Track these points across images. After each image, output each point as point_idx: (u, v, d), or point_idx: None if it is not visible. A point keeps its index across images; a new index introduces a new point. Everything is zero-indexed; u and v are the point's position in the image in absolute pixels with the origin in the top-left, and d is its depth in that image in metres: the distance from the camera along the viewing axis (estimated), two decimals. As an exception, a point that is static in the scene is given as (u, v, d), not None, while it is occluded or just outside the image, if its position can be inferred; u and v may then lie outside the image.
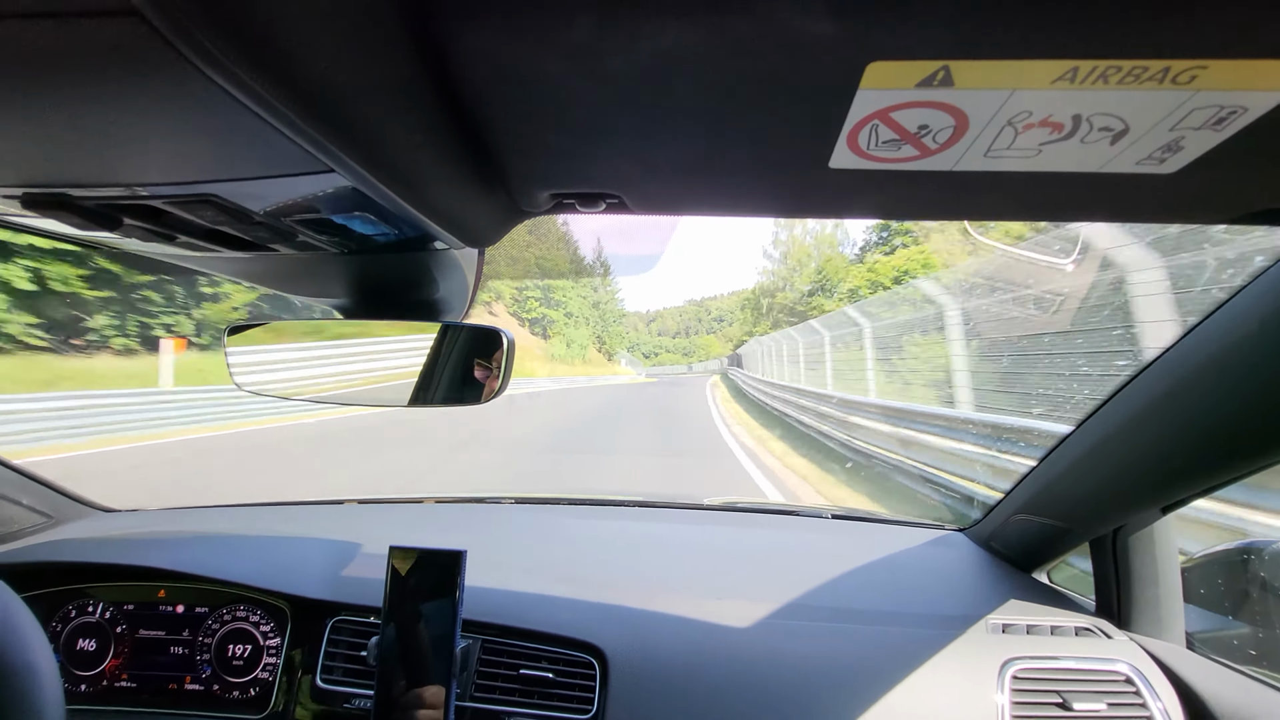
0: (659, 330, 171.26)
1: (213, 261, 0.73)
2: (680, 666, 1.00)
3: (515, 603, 1.11)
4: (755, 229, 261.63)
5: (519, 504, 1.74)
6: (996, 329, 5.59)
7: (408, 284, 0.81)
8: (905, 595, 1.19)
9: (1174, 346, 0.82)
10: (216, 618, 1.14)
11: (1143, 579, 1.07)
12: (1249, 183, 0.48)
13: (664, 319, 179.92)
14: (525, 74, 0.40)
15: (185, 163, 0.45)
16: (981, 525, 1.41)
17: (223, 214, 0.53)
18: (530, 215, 0.65)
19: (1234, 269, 2.91)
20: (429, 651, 0.93)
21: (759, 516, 1.70)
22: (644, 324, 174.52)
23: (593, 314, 69.22)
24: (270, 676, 1.09)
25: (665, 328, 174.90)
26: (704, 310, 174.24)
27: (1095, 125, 0.40)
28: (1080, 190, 0.49)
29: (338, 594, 1.13)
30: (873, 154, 0.44)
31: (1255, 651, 0.99)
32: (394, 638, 0.94)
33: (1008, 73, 0.36)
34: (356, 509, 1.67)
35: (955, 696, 0.97)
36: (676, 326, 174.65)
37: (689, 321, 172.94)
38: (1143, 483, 0.96)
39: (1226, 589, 1.07)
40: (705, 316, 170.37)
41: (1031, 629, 1.08)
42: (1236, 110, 0.38)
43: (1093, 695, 0.98)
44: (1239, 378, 0.74)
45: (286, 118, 0.36)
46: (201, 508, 1.62)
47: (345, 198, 0.52)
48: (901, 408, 6.29)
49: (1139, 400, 0.89)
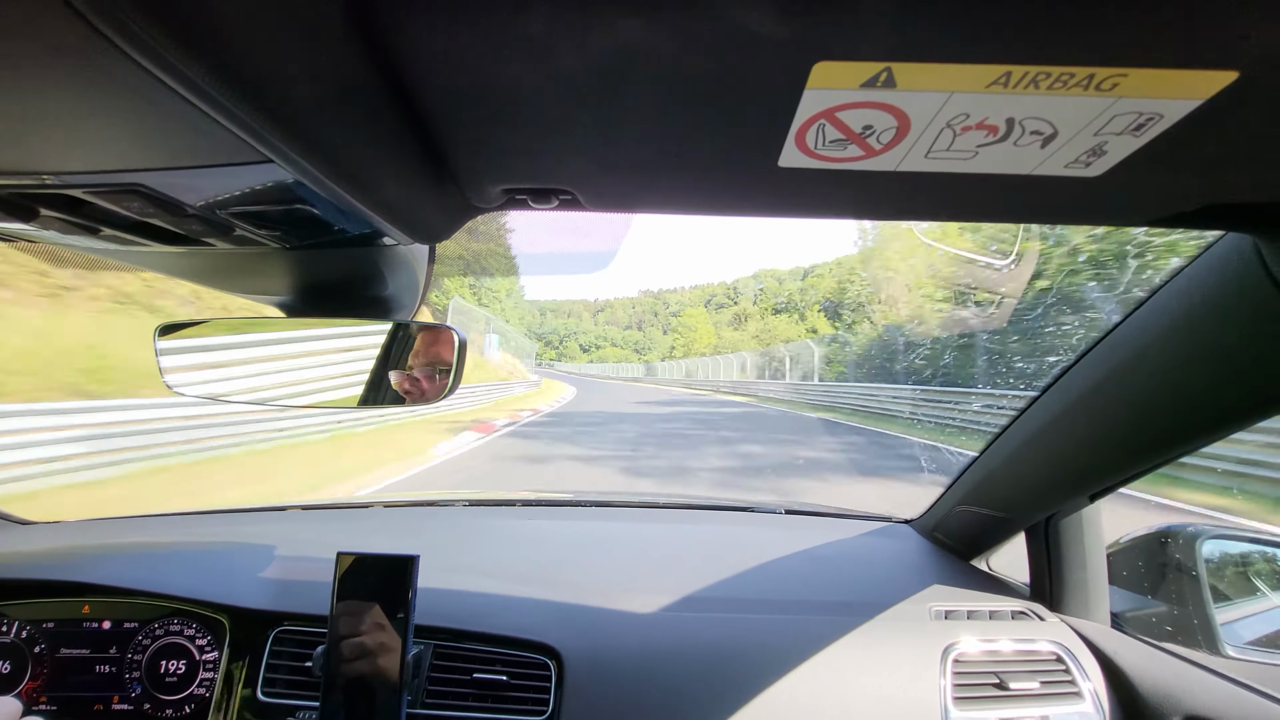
0: (607, 320, 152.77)
1: (142, 256, 0.69)
2: (636, 664, 1.01)
3: (468, 606, 1.09)
4: (717, 221, 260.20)
5: (472, 506, 1.71)
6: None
7: (355, 281, 0.78)
8: (855, 586, 1.23)
9: (1098, 344, 0.88)
10: (148, 633, 1.07)
11: (1072, 563, 1.13)
12: (1166, 187, 0.52)
13: (614, 309, 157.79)
14: (475, 68, 0.39)
15: (108, 150, 0.42)
16: (926, 517, 1.47)
17: (151, 205, 0.50)
18: (482, 211, 0.64)
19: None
20: (378, 659, 0.90)
21: (714, 513, 1.72)
22: (590, 313, 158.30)
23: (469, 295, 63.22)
24: (207, 692, 1.04)
25: (614, 318, 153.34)
26: (660, 303, 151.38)
27: (1027, 129, 0.42)
28: (1014, 192, 0.52)
29: (280, 603, 1.08)
30: (820, 153, 0.46)
31: (1171, 628, 1.07)
32: (341, 646, 0.91)
33: (946, 75, 0.37)
34: (300, 515, 1.60)
35: (901, 681, 1.00)
36: (628, 319, 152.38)
37: (643, 314, 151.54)
38: (1073, 473, 1.02)
39: (1146, 571, 1.14)
40: (662, 310, 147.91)
41: (972, 614, 1.13)
42: (1153, 117, 0.40)
43: (1027, 675, 1.03)
44: (1156, 373, 0.79)
45: (220, 105, 0.34)
46: (129, 518, 1.53)
47: (286, 191, 0.49)
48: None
49: (1068, 396, 0.94)
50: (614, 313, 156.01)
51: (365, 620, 0.92)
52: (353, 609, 0.93)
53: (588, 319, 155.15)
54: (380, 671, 0.90)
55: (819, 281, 40.47)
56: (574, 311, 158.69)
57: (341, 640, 0.91)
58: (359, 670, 0.90)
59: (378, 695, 0.90)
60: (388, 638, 0.91)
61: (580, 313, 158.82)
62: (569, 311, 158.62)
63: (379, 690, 0.90)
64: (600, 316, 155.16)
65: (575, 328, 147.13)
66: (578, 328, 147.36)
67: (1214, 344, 0.71)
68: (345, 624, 0.92)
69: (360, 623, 0.92)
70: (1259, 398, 0.72)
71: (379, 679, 0.90)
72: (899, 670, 1.02)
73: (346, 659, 0.91)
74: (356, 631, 0.92)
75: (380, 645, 0.91)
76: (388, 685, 0.90)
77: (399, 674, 0.90)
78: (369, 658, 0.91)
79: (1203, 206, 0.55)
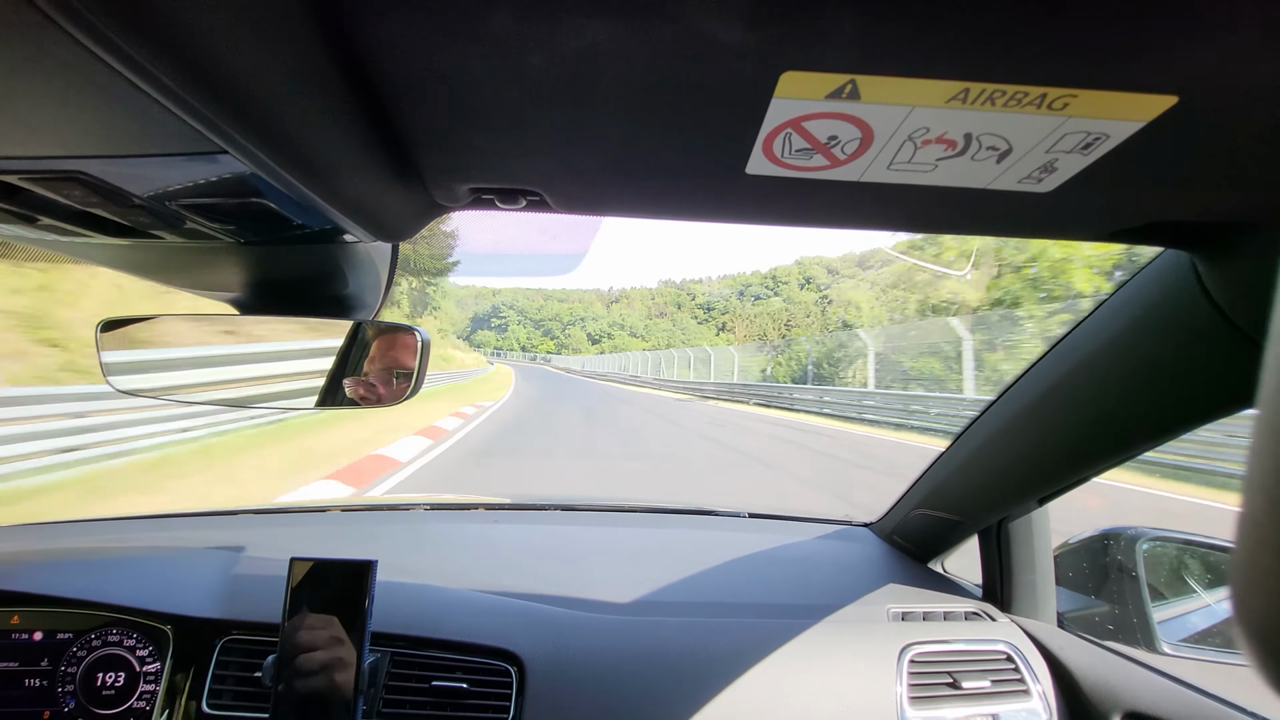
0: (623, 311, 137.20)
1: (84, 248, 0.65)
2: (597, 669, 1.00)
3: (427, 612, 1.07)
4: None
5: (433, 510, 1.68)
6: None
7: (314, 279, 0.75)
8: (815, 589, 1.25)
9: (1048, 354, 0.91)
10: (83, 644, 1.02)
11: (1022, 565, 1.17)
12: (1112, 204, 0.54)
13: (630, 300, 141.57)
14: (439, 64, 0.38)
15: (45, 134, 0.39)
16: (885, 520, 1.50)
17: (94, 195, 0.47)
18: (448, 210, 0.63)
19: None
20: (332, 668, 0.88)
21: (678, 517, 1.73)
22: (604, 304, 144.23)
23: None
24: (148, 705, 0.99)
25: (631, 310, 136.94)
26: (685, 294, 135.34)
27: (984, 144, 0.43)
28: (971, 205, 0.54)
29: (229, 612, 1.04)
30: (786, 161, 0.46)
31: (1113, 626, 1.11)
32: (293, 656, 0.88)
33: (908, 90, 0.38)
34: (252, 520, 1.54)
35: (859, 682, 1.02)
36: (647, 310, 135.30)
37: (664, 306, 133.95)
38: (1023, 477, 1.06)
39: (1090, 571, 1.19)
40: (687, 301, 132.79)
41: (927, 615, 1.16)
42: (1100, 137, 0.42)
43: (979, 674, 1.06)
44: (1100, 383, 0.83)
45: (170, 91, 0.32)
46: (65, 522, 1.45)
47: (242, 184, 0.47)
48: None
49: (1019, 404, 0.98)
50: (630, 304, 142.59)
51: (319, 628, 0.89)
52: (306, 617, 0.89)
53: (599, 307, 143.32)
54: (334, 681, 0.87)
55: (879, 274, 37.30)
56: (584, 299, 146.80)
57: (294, 649, 0.88)
58: (312, 680, 0.87)
59: (331, 705, 0.87)
60: (343, 646, 0.88)
61: (591, 301, 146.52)
62: (579, 299, 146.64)
63: (333, 700, 0.87)
64: (614, 308, 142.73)
65: (583, 313, 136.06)
66: (582, 313, 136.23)
67: (1153, 356, 0.74)
68: (298, 633, 0.89)
69: (314, 631, 0.89)
70: (1194, 408, 0.76)
71: (332, 688, 0.87)
72: (857, 670, 1.03)
73: (298, 669, 0.88)
74: (310, 640, 0.89)
75: (335, 654, 0.88)
76: (341, 695, 0.87)
77: (354, 683, 0.87)
78: (322, 667, 0.88)
79: (1145, 224, 0.58)
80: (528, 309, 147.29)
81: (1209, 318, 0.64)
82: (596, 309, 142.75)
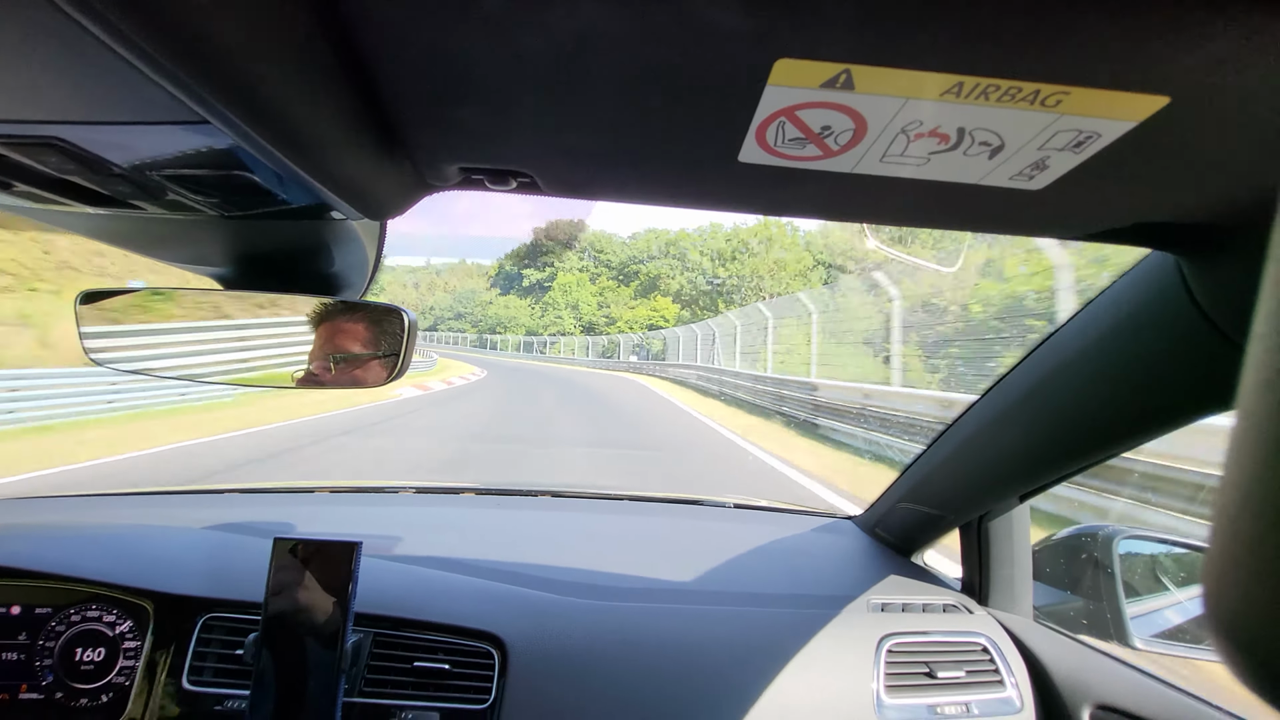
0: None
1: (62, 217, 0.63)
2: (580, 654, 1.01)
3: (411, 594, 1.07)
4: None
5: (420, 494, 1.68)
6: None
7: (299, 255, 0.74)
8: (797, 579, 1.26)
9: (1034, 352, 0.92)
10: (62, 619, 1.01)
11: (1001, 560, 1.19)
12: (1102, 203, 0.54)
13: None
14: (431, 40, 0.37)
15: (20, 97, 0.38)
16: (869, 513, 1.51)
17: (71, 161, 0.46)
18: (437, 189, 0.62)
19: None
20: (314, 648, 0.88)
21: (665, 506, 1.74)
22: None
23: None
24: (127, 680, 0.99)
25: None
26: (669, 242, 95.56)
27: (976, 139, 0.43)
28: (962, 200, 0.54)
29: (211, 589, 1.04)
30: (780, 150, 0.46)
31: (1087, 621, 1.13)
32: (275, 634, 0.88)
33: (903, 81, 0.38)
34: (237, 498, 1.54)
35: (838, 671, 1.04)
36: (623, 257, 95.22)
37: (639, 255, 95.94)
38: (1005, 474, 1.07)
39: (1067, 567, 1.21)
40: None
41: (906, 607, 1.17)
42: (1092, 135, 0.42)
43: (955, 665, 1.08)
44: (1084, 382, 0.83)
45: (150, 59, 0.31)
46: (45, 497, 1.44)
47: (226, 155, 0.46)
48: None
49: (1004, 400, 0.98)
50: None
51: (302, 608, 0.89)
52: (289, 596, 0.89)
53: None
54: (316, 660, 0.87)
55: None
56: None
57: (276, 628, 0.88)
58: (293, 659, 0.87)
59: (313, 684, 0.87)
60: (325, 626, 0.88)
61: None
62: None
63: (314, 679, 0.87)
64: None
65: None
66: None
67: (1137, 356, 0.75)
68: (281, 612, 0.89)
69: (297, 611, 0.89)
70: (1176, 409, 0.76)
71: (314, 668, 0.87)
72: (836, 659, 1.05)
73: (280, 648, 0.88)
74: (293, 619, 0.88)
75: (317, 633, 0.88)
76: (323, 674, 0.87)
77: (336, 663, 0.87)
78: (304, 646, 0.88)
79: (1134, 224, 0.58)
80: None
81: (1192, 320, 0.65)
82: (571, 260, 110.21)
